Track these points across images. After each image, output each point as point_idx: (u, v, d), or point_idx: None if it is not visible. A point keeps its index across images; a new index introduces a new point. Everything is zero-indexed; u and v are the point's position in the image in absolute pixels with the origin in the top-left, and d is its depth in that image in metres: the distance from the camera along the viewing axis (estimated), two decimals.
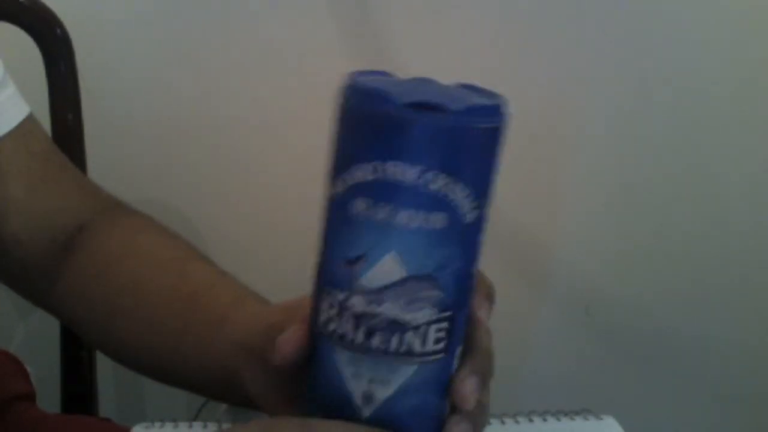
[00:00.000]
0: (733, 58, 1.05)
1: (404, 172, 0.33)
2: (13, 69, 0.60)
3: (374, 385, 0.36)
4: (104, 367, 0.90)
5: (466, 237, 0.35)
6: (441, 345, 0.36)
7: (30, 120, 0.59)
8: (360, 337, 0.35)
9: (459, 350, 0.37)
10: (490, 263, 0.37)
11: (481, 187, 0.35)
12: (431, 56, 1.03)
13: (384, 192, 0.33)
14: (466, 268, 0.36)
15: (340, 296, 0.35)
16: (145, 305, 0.53)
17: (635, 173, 1.11)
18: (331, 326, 0.36)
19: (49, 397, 0.83)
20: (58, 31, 0.81)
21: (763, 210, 1.12)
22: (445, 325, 0.35)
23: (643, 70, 1.05)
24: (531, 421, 0.59)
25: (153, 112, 1.05)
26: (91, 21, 0.98)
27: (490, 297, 0.39)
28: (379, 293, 0.34)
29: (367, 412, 0.36)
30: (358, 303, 0.35)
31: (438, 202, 0.33)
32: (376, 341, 0.35)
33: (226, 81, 1.04)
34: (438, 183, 0.33)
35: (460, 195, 0.34)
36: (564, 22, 1.03)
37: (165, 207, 1.08)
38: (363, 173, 0.34)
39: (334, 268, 0.35)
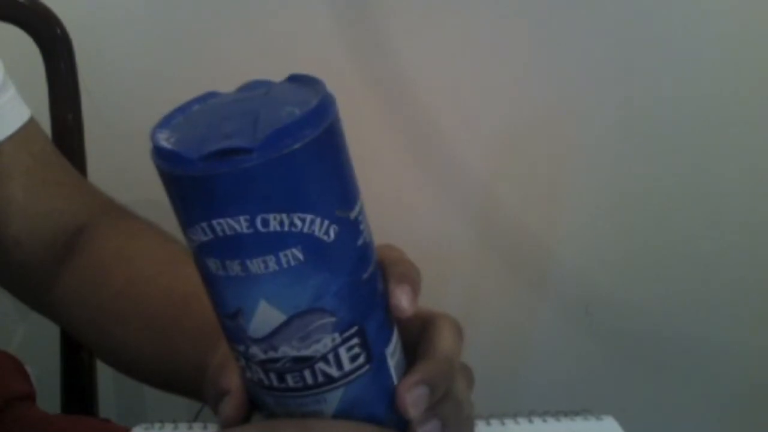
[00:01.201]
0: (734, 59, 1.05)
1: (233, 226, 0.30)
2: (13, 69, 0.60)
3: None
4: (104, 367, 0.90)
5: (336, 254, 0.31)
6: (360, 359, 0.34)
7: (31, 123, 0.59)
8: (274, 381, 0.34)
9: (390, 349, 0.35)
10: (490, 263, 0.37)
11: (329, 201, 0.31)
12: (431, 56, 1.03)
13: (225, 249, 0.31)
14: (353, 279, 0.33)
15: (240, 348, 0.34)
16: (141, 308, 0.53)
17: (635, 173, 1.11)
18: (248, 375, 0.35)
19: (49, 397, 0.82)
20: (58, 31, 0.81)
21: (763, 210, 1.12)
22: (355, 341, 0.33)
23: (643, 70, 1.05)
24: (531, 421, 0.59)
25: (153, 113, 1.04)
26: (91, 21, 0.98)
27: (406, 280, 0.35)
28: (269, 340, 0.32)
29: None
30: (256, 352, 0.33)
31: (284, 240, 0.30)
32: (290, 382, 0.33)
33: (226, 81, 1.04)
34: (273, 223, 0.30)
35: (306, 222, 0.30)
36: (565, 23, 1.03)
37: (164, 208, 1.07)
38: (198, 235, 0.31)
39: (222, 323, 0.34)
